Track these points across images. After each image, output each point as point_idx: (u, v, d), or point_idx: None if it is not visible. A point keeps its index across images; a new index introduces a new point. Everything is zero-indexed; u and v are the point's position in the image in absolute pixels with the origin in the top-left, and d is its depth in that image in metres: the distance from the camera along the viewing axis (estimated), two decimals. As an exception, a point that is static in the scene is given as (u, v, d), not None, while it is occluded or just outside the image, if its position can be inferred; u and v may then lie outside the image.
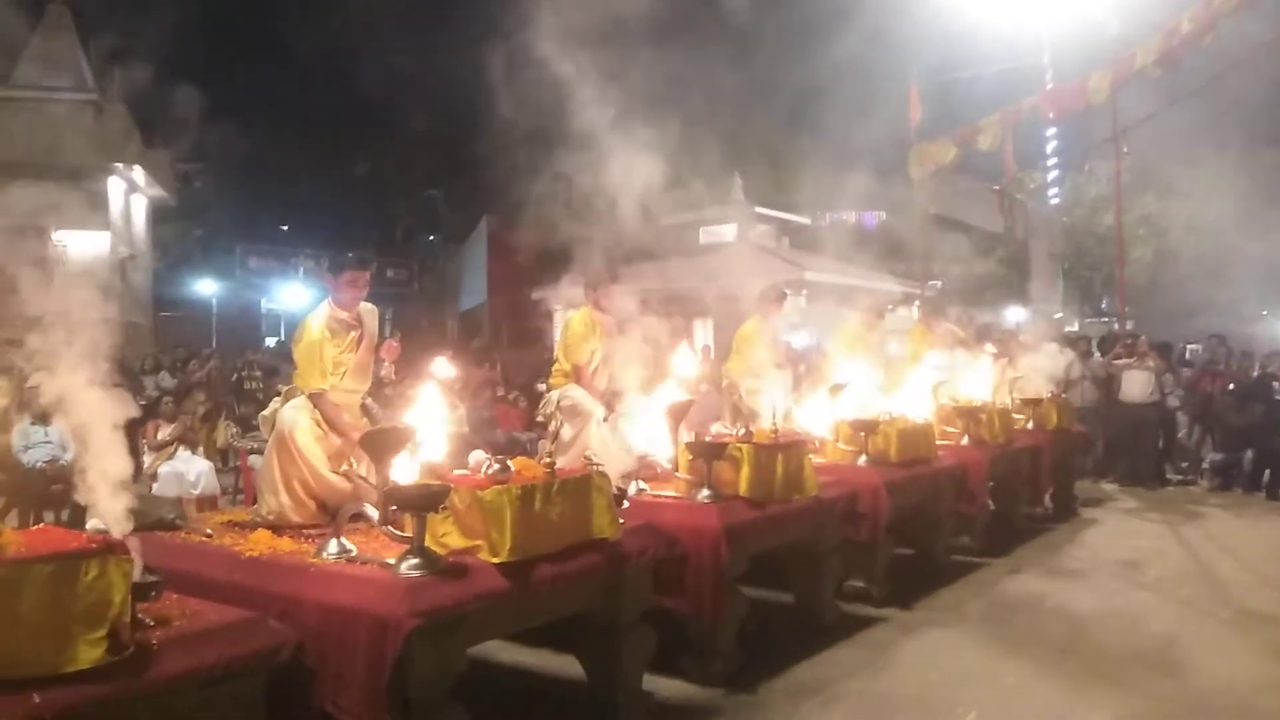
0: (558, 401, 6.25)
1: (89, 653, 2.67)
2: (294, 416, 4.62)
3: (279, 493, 4.57)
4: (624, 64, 6.56)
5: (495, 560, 3.77)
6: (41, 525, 3.45)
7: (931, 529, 7.51)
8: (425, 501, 3.70)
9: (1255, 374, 12.45)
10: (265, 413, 4.92)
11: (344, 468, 4.54)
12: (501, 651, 5.36)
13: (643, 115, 6.43)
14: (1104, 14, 14.57)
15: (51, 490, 7.68)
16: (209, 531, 4.42)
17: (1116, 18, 14.44)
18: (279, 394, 4.97)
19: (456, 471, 4.21)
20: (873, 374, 7.81)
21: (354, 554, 3.87)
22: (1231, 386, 12.02)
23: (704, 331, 17.60)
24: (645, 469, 5.72)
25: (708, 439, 5.55)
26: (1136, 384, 12.20)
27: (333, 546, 3.89)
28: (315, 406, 4.66)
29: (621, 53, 6.60)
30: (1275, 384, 11.80)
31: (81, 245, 19.75)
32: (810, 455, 5.94)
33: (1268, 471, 11.27)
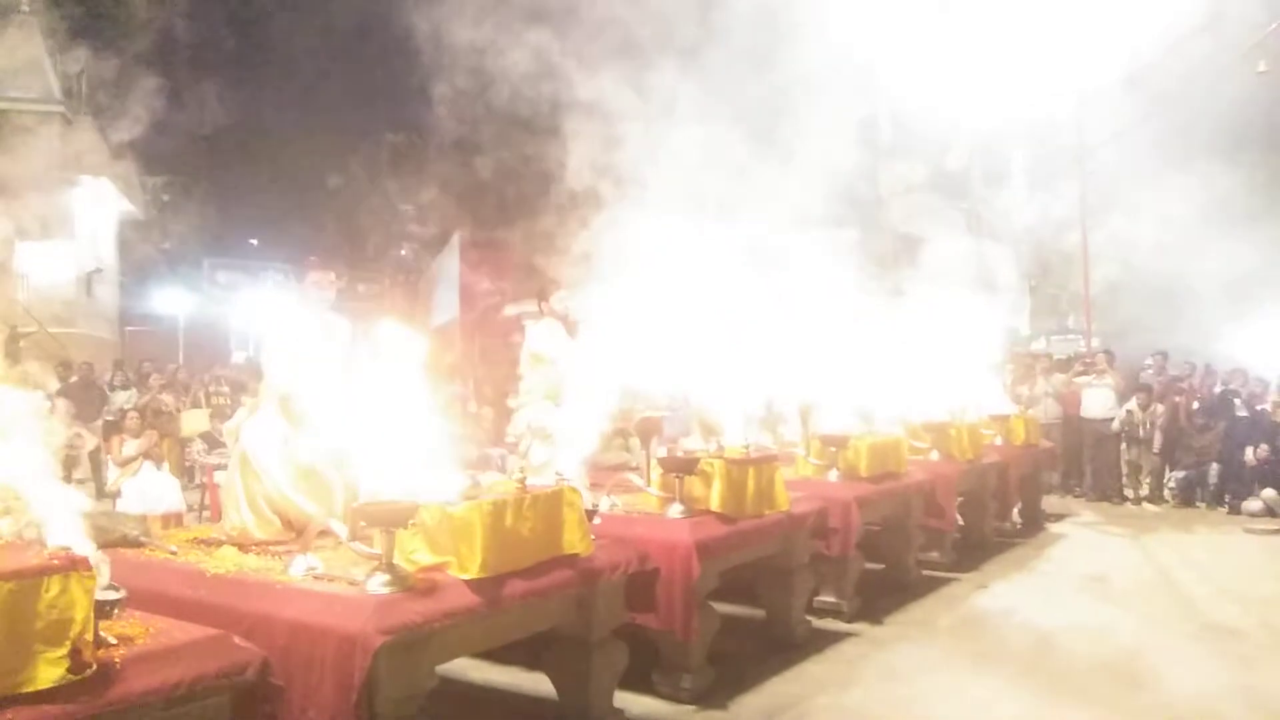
0: (529, 422, 6.16)
1: (50, 672, 2.62)
2: (257, 433, 4.56)
3: (241, 509, 4.52)
4: (601, 80, 6.59)
5: (465, 577, 3.75)
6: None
7: (901, 544, 7.56)
8: (394, 517, 3.67)
9: (1218, 390, 12.66)
10: (230, 424, 4.87)
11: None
12: (471, 669, 5.32)
13: (614, 126, 6.46)
14: (1070, 34, 14.82)
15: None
16: (174, 548, 4.36)
17: (1082, 38, 14.70)
18: (244, 406, 4.93)
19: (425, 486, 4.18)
20: None
21: (321, 571, 3.83)
22: (1196, 405, 12.21)
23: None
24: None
25: (679, 454, 5.56)
26: (1097, 400, 12.37)
27: (300, 563, 3.85)
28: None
29: (598, 69, 6.63)
30: (1237, 400, 12.01)
31: (46, 258, 19.51)
32: (781, 470, 5.95)
33: (1229, 486, 11.44)
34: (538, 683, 4.84)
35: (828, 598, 6.56)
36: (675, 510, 5.22)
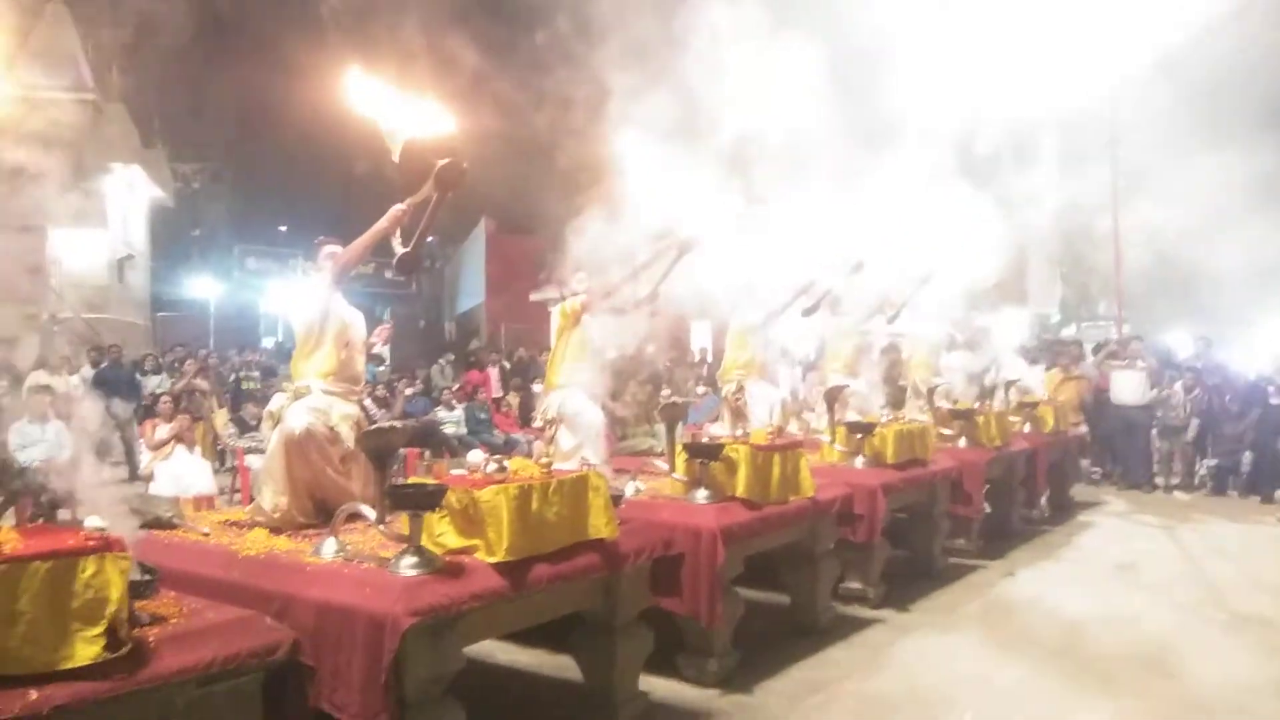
0: (558, 407, 6.09)
1: (86, 650, 2.68)
2: (307, 417, 4.55)
3: (283, 491, 4.54)
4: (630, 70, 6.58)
5: (492, 560, 3.78)
6: (40, 523, 3.46)
7: (928, 531, 7.53)
8: (422, 501, 3.70)
9: (1251, 378, 12.48)
10: (271, 408, 4.86)
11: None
12: (498, 651, 5.37)
13: (647, 114, 6.44)
14: (1103, 18, 14.62)
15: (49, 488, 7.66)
16: (206, 530, 4.42)
17: (1115, 22, 14.49)
18: (283, 390, 4.93)
19: (454, 471, 4.22)
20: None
21: (350, 553, 3.87)
22: (1228, 398, 12.04)
23: (702, 333, 17.62)
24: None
25: (705, 440, 5.57)
26: (1129, 386, 12.22)
27: (329, 545, 3.90)
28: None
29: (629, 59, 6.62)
30: (1270, 388, 11.83)
31: (79, 245, 19.76)
32: (806, 456, 5.94)
33: (1262, 475, 11.29)
34: (563, 665, 4.88)
35: (853, 584, 6.55)
36: (700, 495, 5.23)
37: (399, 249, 4.67)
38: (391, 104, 4.62)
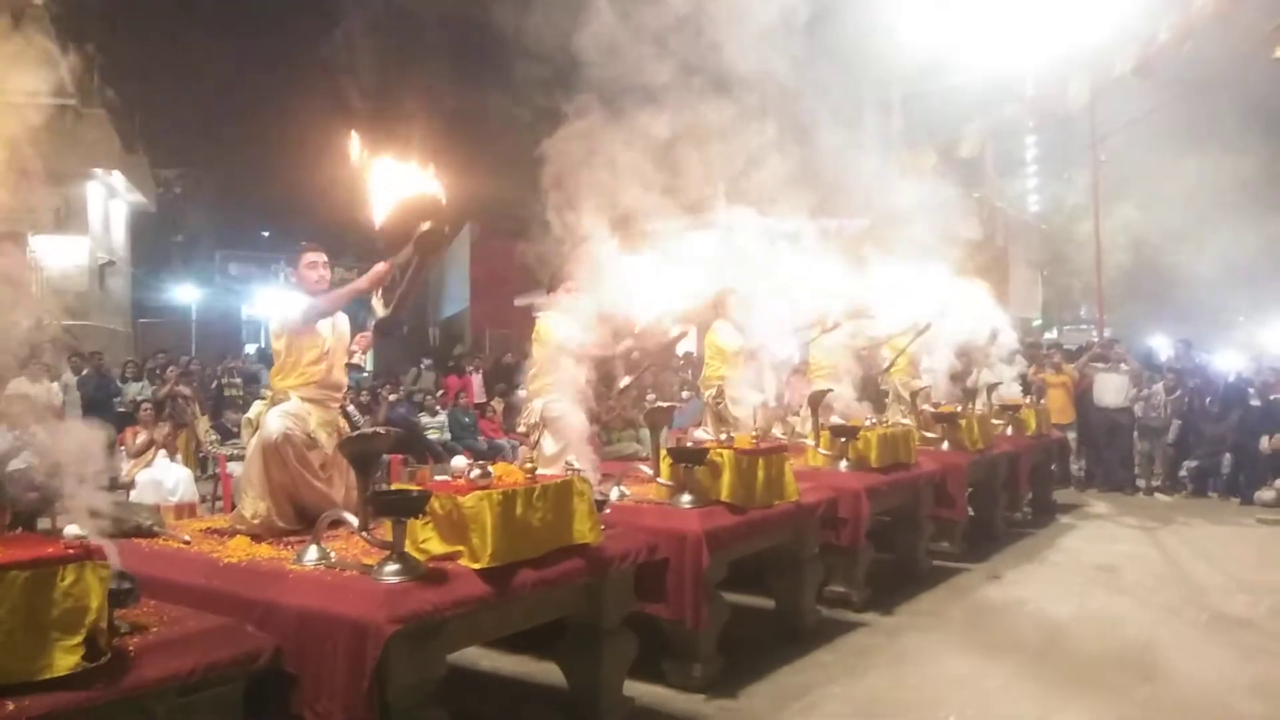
0: (541, 412, 6.05)
1: (65, 659, 2.65)
2: (283, 422, 4.54)
3: (262, 496, 4.52)
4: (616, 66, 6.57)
5: (476, 566, 3.77)
6: (18, 531, 3.43)
7: (912, 534, 7.55)
8: (405, 507, 3.69)
9: (1231, 379, 12.59)
10: (250, 415, 4.85)
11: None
12: (482, 658, 5.36)
13: (634, 118, 6.43)
14: (1084, 22, 14.73)
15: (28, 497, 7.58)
16: (187, 538, 4.40)
17: (1096, 26, 14.61)
18: (262, 398, 4.92)
19: (437, 477, 4.21)
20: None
21: (333, 560, 3.86)
22: (1208, 399, 12.13)
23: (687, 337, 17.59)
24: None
25: (689, 444, 5.57)
26: (1111, 388, 12.30)
27: (312, 552, 3.88)
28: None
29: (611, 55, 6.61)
30: (1250, 389, 11.94)
31: (60, 251, 19.61)
32: (790, 460, 5.95)
33: (1243, 476, 11.38)
34: (548, 671, 4.87)
35: (838, 588, 6.56)
36: (684, 500, 5.23)
37: (380, 310, 4.64)
38: (378, 169, 4.60)
